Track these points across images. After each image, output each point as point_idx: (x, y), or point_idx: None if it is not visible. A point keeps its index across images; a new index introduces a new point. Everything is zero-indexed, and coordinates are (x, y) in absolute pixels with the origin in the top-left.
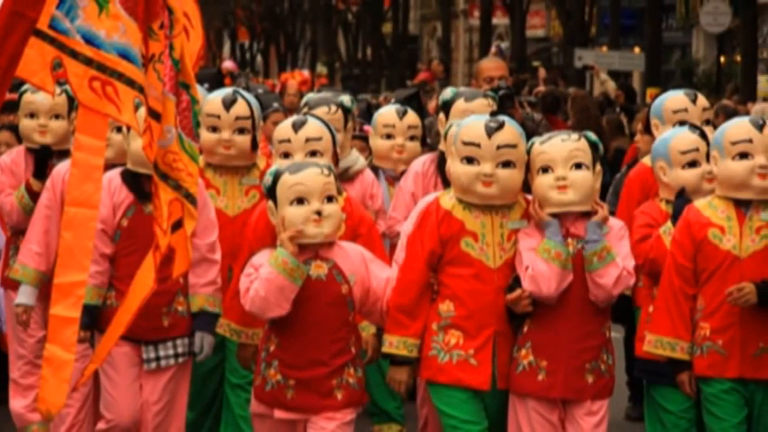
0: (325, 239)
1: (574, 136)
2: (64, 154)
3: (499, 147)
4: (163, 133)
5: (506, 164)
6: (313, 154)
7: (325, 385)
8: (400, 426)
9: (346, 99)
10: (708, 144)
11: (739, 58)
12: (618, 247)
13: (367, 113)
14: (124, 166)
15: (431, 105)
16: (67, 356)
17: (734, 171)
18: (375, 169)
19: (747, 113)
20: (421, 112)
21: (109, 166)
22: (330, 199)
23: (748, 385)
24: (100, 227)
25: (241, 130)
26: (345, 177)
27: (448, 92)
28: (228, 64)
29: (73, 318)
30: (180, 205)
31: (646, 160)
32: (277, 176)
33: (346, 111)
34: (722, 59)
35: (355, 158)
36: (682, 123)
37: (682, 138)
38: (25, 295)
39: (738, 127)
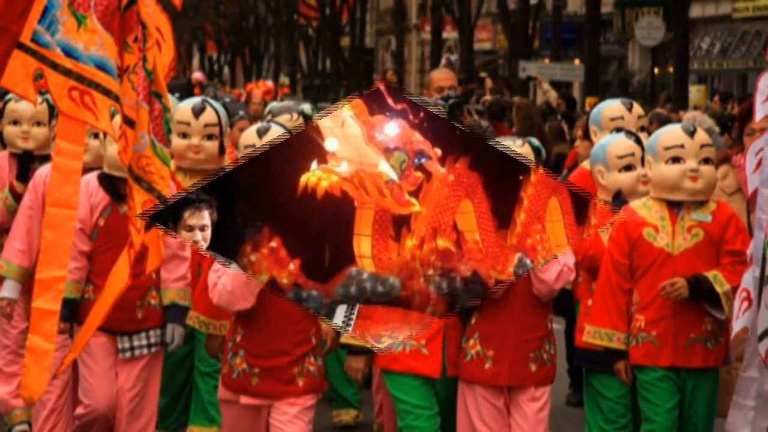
0: None
1: (519, 141)
2: (46, 158)
3: None
4: (137, 139)
5: None
6: None
7: (288, 373)
8: (356, 411)
9: (307, 107)
10: (643, 149)
11: (671, 70)
12: None
13: None
14: (101, 169)
15: None
16: (48, 346)
17: (667, 174)
18: None
19: (679, 120)
20: None
21: (87, 169)
22: None
23: (680, 373)
24: (79, 226)
25: (210, 137)
26: None
27: None
28: (197, 75)
29: (54, 311)
30: (153, 205)
31: (586, 164)
32: None
33: (307, 119)
34: (656, 70)
35: None
36: (618, 129)
37: (618, 143)
38: (9, 290)
39: (671, 133)
